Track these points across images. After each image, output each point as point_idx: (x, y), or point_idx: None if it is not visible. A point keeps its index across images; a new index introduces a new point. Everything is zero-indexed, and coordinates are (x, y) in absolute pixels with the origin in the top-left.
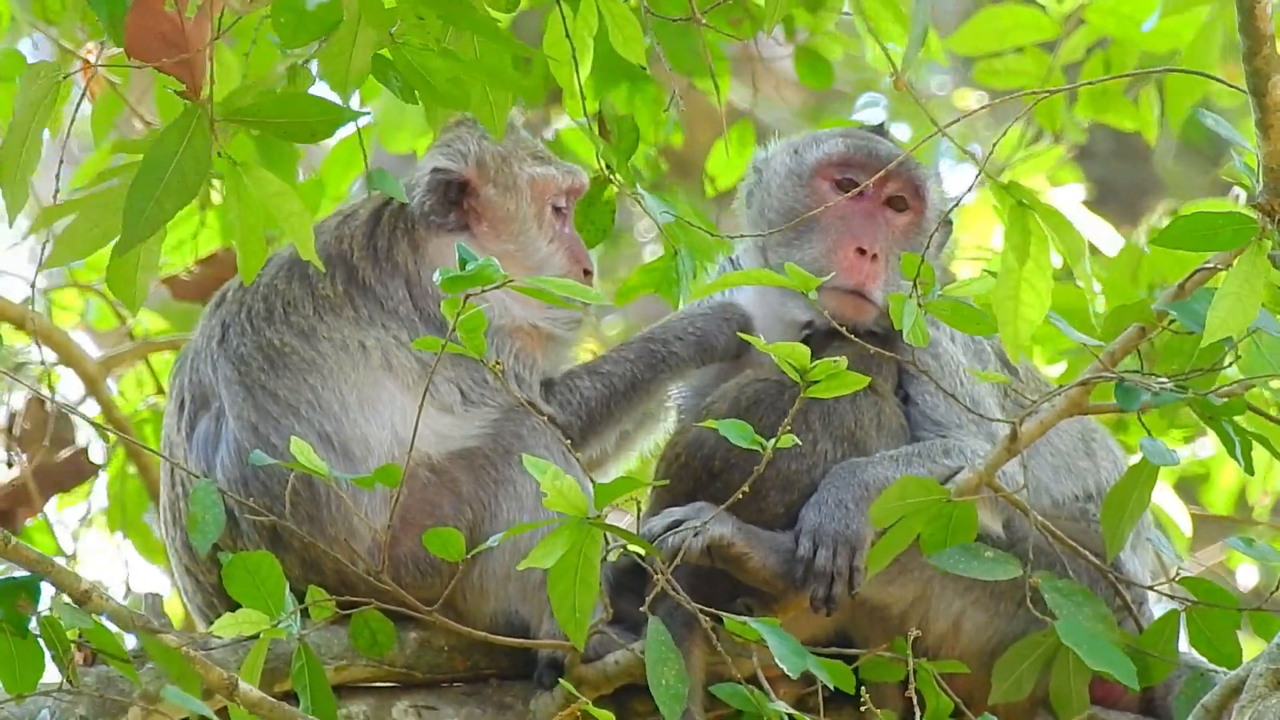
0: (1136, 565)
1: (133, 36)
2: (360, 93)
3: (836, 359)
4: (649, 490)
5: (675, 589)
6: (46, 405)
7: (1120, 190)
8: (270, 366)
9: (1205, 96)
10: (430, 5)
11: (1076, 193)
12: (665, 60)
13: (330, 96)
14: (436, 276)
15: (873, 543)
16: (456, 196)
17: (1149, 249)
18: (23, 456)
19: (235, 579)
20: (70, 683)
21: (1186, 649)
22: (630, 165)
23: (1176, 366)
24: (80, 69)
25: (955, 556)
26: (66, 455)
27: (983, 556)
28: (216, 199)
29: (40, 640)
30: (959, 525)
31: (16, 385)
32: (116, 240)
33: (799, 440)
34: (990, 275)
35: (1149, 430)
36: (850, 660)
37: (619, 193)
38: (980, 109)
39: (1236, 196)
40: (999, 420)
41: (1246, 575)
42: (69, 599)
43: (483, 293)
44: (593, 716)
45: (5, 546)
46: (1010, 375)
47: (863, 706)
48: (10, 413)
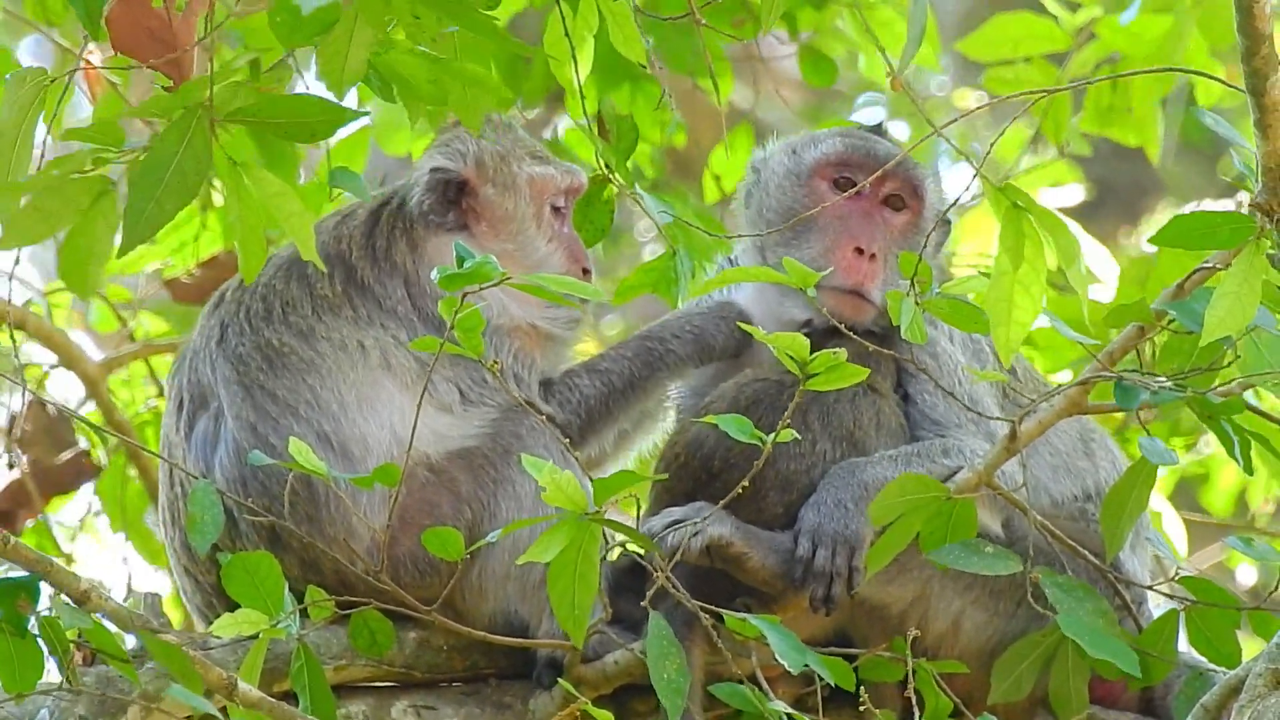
0: (1135, 565)
1: (119, 32)
2: (358, 94)
3: (835, 351)
4: (648, 490)
5: (675, 587)
6: (48, 407)
7: (1120, 190)
8: (269, 366)
9: (1186, 99)
10: (427, 4)
11: (1075, 193)
12: (660, 60)
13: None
14: (434, 275)
15: (872, 542)
16: (455, 196)
17: (1158, 257)
18: (23, 458)
19: (234, 579)
20: (69, 682)
21: (1186, 649)
22: (631, 164)
23: (1175, 366)
24: (82, 69)
25: (955, 552)
26: (66, 457)
27: (982, 552)
28: (218, 201)
29: (40, 640)
30: (958, 524)
31: (16, 386)
32: (69, 231)
33: (799, 437)
34: (987, 275)
35: (1148, 430)
36: (850, 660)
37: (618, 192)
38: (978, 108)
39: (1241, 203)
40: (998, 419)
41: (1245, 576)
42: (68, 599)
43: (480, 291)
44: (592, 716)
45: (5, 546)
46: (1008, 375)
47: (861, 706)
48: (10, 414)
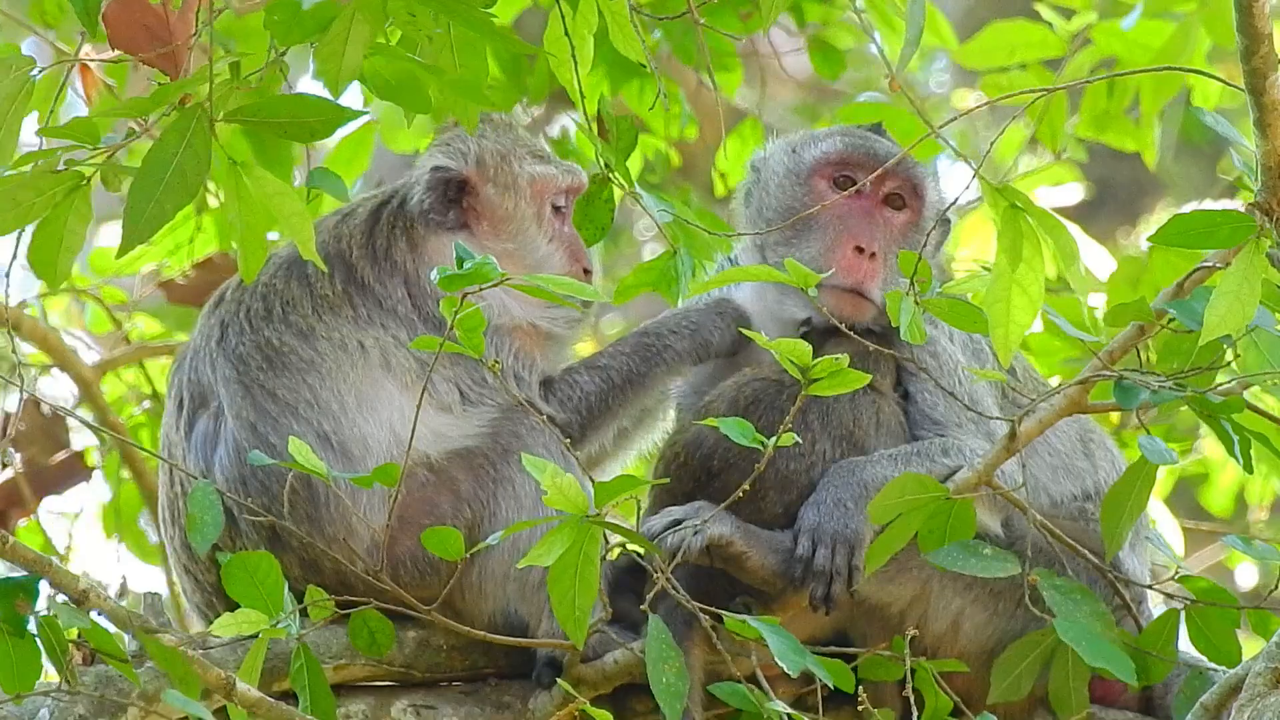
0: (1135, 564)
1: (115, 28)
2: (363, 92)
3: (838, 356)
4: (648, 489)
5: (675, 588)
6: (43, 407)
7: (1119, 190)
8: (269, 366)
9: (1187, 100)
10: (424, 3)
11: (1075, 193)
12: (662, 58)
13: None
14: (434, 275)
15: (871, 542)
16: (456, 195)
17: (1150, 257)
18: (16, 457)
19: (234, 579)
20: (68, 682)
21: (1186, 647)
22: (640, 161)
23: (1175, 365)
24: (79, 70)
25: (953, 554)
26: (60, 458)
27: (981, 554)
28: (213, 203)
29: (38, 640)
30: (957, 524)
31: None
32: (39, 222)
33: (799, 439)
34: (987, 272)
35: (1148, 429)
36: (849, 659)
37: (617, 191)
38: (977, 107)
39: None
40: (998, 419)
41: (1245, 576)
42: (67, 599)
43: (481, 291)
44: (590, 716)
45: (4, 547)
46: (1008, 375)
47: (861, 705)
48: (4, 414)
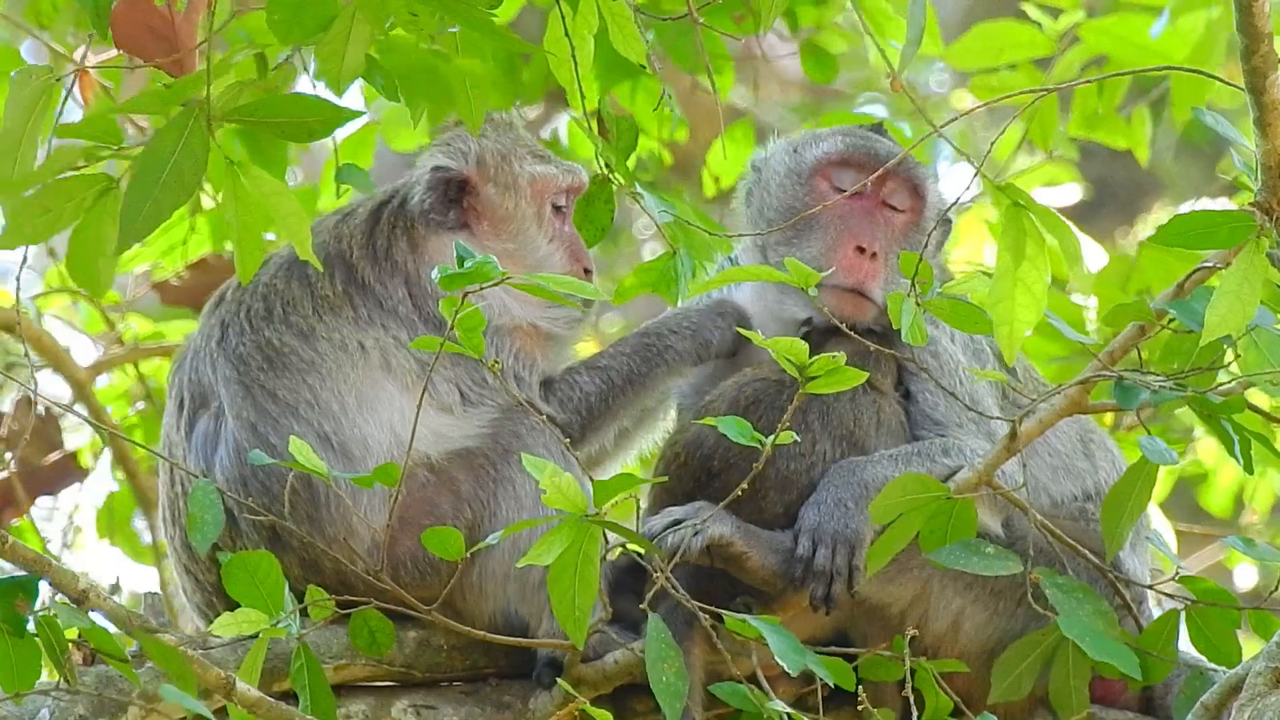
0: (1136, 564)
1: (121, 30)
2: (365, 92)
3: (836, 354)
4: (648, 490)
5: (675, 587)
6: (35, 407)
7: (1119, 189)
8: (269, 366)
9: (1210, 98)
10: (426, 2)
11: (1073, 193)
12: (665, 58)
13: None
14: (435, 274)
15: (872, 542)
16: (456, 195)
17: (1138, 257)
18: (10, 457)
19: (234, 578)
20: (68, 682)
21: (1186, 648)
22: (635, 160)
23: (1176, 365)
24: (75, 73)
25: (955, 552)
26: (54, 458)
27: (982, 552)
28: (207, 204)
29: (38, 640)
30: (958, 524)
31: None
32: (75, 227)
33: (798, 438)
34: (986, 275)
35: (1148, 430)
36: (849, 659)
37: (618, 191)
38: (976, 107)
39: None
40: (999, 419)
41: (1243, 577)
42: (67, 598)
43: (481, 291)
44: (591, 716)
45: (3, 546)
46: (1008, 375)
47: (861, 705)
48: None
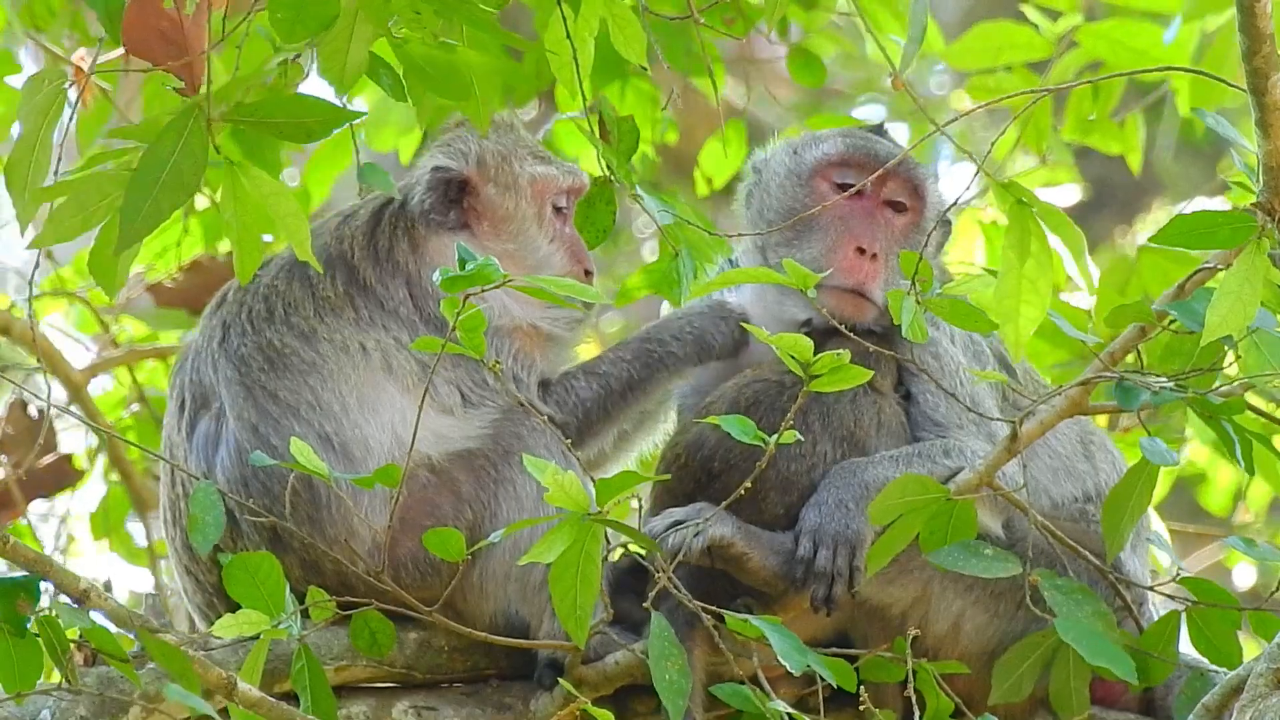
0: (1136, 565)
1: (132, 34)
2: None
3: (839, 352)
4: (649, 491)
5: (677, 588)
6: (29, 409)
7: (1118, 189)
8: (270, 367)
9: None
10: (428, 1)
11: (1072, 193)
12: (663, 59)
13: (324, 94)
14: (436, 276)
15: (873, 543)
16: (457, 195)
17: (1138, 260)
18: (4, 459)
19: (235, 580)
20: (69, 682)
21: (1186, 649)
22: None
23: (1176, 367)
24: (74, 76)
25: (955, 554)
26: (49, 461)
27: (982, 554)
28: (201, 204)
29: (39, 640)
30: (959, 525)
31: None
32: (103, 225)
33: (800, 438)
34: (990, 274)
35: (1149, 430)
36: (850, 660)
37: (618, 192)
38: (977, 108)
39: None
40: (1000, 420)
41: (1242, 577)
42: (68, 598)
43: (482, 293)
44: (592, 716)
45: (4, 546)
46: (1009, 376)
47: (862, 706)
48: None
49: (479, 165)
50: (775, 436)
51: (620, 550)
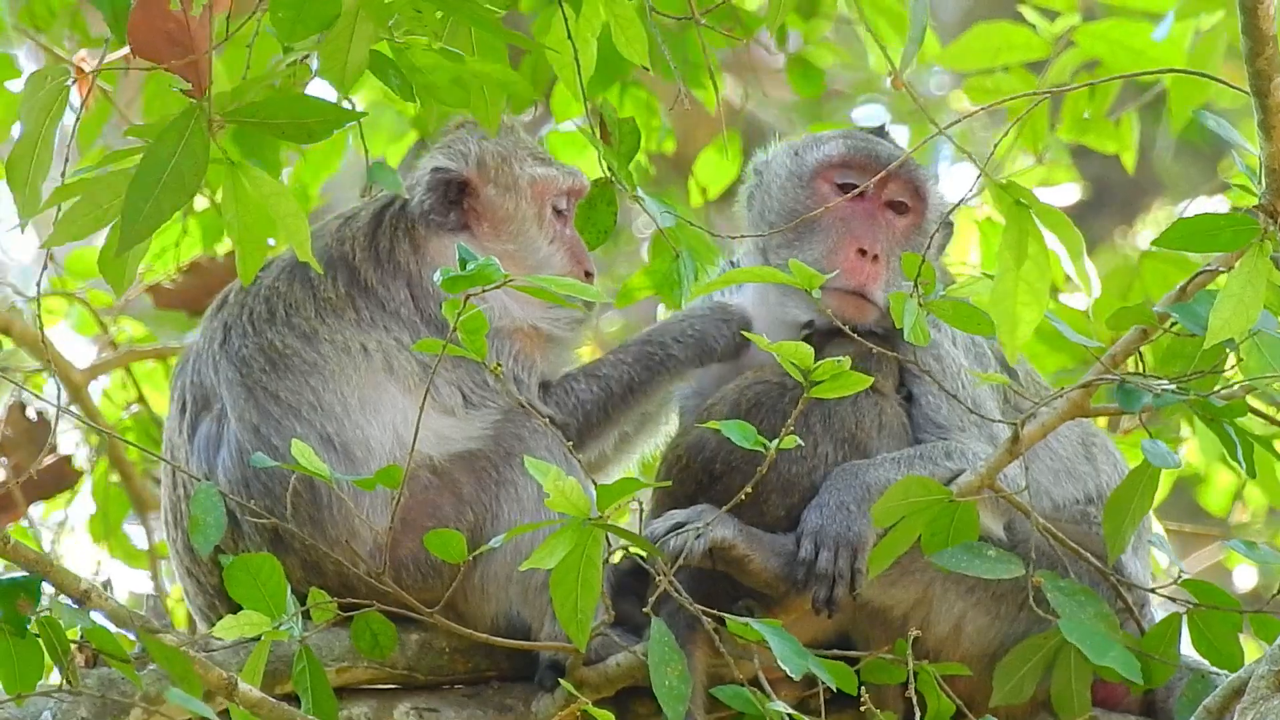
0: (1138, 567)
1: (137, 35)
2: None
3: (840, 358)
4: (651, 492)
5: (678, 590)
6: (28, 411)
7: (1118, 189)
8: (272, 368)
9: (1208, 100)
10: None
11: (1072, 192)
12: (672, 61)
13: (325, 94)
14: (437, 277)
15: (874, 545)
16: (456, 196)
17: (1139, 263)
18: (3, 461)
19: (237, 581)
20: (69, 683)
21: (1188, 651)
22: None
23: (1178, 369)
24: (75, 77)
25: (957, 555)
26: (49, 462)
27: (985, 555)
28: (200, 205)
29: (40, 641)
30: (960, 527)
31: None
32: (113, 225)
33: (801, 442)
34: (988, 278)
35: (1150, 432)
36: (851, 663)
37: (618, 193)
38: (978, 109)
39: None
40: (1001, 422)
41: (1242, 577)
42: (68, 599)
43: (483, 293)
44: (593, 718)
45: (4, 547)
46: (1010, 378)
47: (863, 708)
48: None
49: (479, 166)
50: (776, 441)
51: (621, 552)
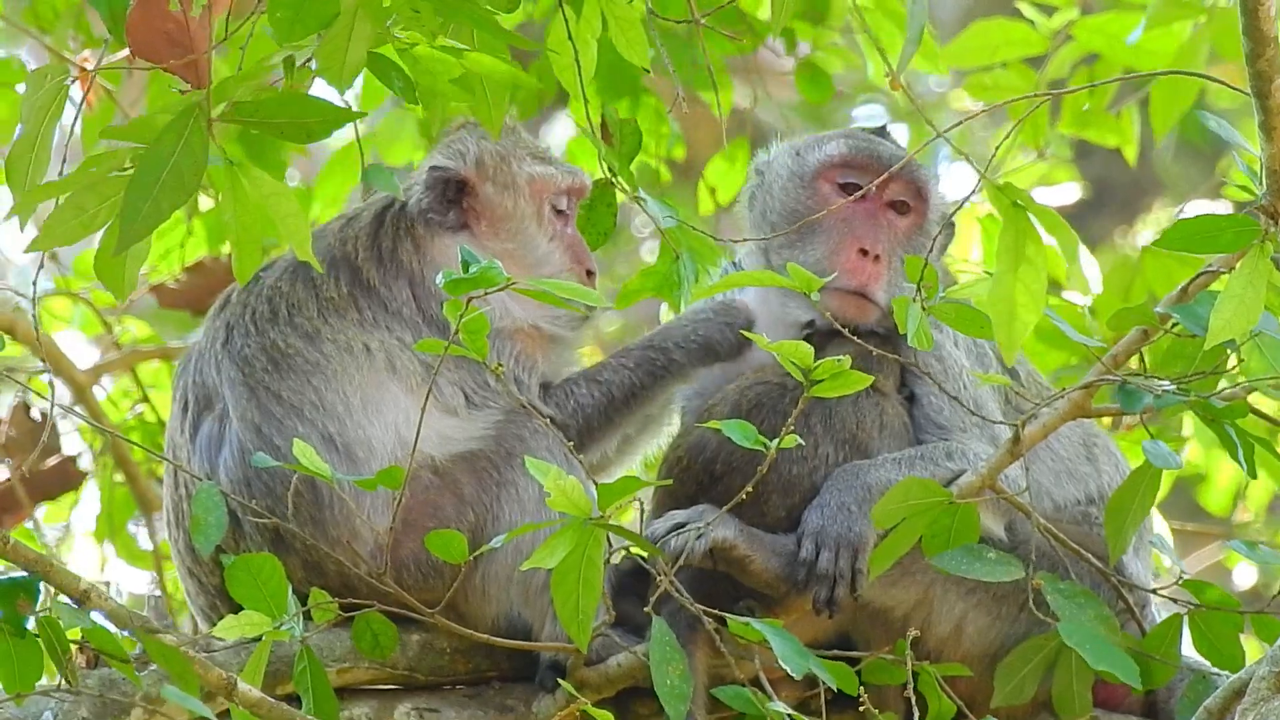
0: (1139, 568)
1: (136, 35)
2: (360, 100)
3: (840, 358)
4: (652, 492)
5: (679, 590)
6: (32, 412)
7: (1118, 189)
8: (274, 368)
9: (1196, 104)
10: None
11: (1072, 192)
12: (670, 64)
13: (326, 94)
14: (439, 278)
15: (875, 545)
16: (455, 195)
17: (1141, 262)
18: (8, 461)
19: (238, 581)
20: (69, 683)
21: (1189, 652)
22: (637, 167)
23: (1179, 370)
24: (77, 77)
25: (957, 558)
26: (54, 463)
27: (985, 558)
28: (205, 205)
29: (39, 640)
30: (961, 528)
31: (3, 391)
32: (106, 228)
33: (802, 442)
34: (990, 276)
35: (1151, 433)
36: (852, 663)
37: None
38: (979, 112)
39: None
40: (1002, 423)
41: (1242, 577)
42: (68, 599)
43: (485, 295)
44: (593, 718)
45: (4, 547)
46: (1011, 379)
47: (863, 709)
48: None
49: (477, 165)
50: (776, 441)
51: (622, 552)
